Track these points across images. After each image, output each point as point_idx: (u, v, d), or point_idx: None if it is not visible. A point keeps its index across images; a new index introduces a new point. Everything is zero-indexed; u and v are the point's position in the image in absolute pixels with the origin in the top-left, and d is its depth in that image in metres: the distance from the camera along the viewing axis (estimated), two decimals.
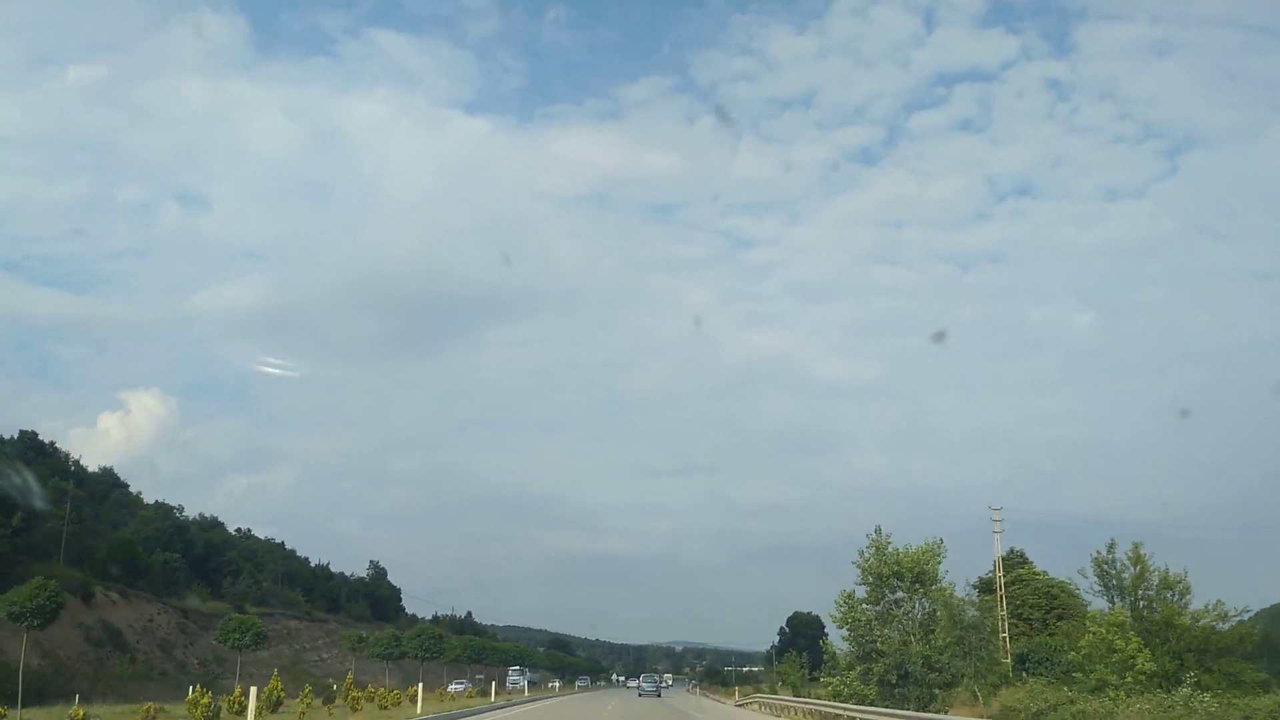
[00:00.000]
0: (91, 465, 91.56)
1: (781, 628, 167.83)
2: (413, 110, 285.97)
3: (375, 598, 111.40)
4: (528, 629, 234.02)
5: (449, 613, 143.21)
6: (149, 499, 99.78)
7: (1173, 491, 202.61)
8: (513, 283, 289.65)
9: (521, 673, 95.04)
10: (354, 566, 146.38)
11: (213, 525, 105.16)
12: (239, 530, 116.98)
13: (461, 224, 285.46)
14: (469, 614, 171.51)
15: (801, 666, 69.33)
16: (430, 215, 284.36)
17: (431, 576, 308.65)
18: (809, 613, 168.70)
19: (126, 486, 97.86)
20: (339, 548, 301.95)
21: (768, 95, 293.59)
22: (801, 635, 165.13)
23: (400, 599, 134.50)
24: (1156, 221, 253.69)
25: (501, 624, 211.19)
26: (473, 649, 77.93)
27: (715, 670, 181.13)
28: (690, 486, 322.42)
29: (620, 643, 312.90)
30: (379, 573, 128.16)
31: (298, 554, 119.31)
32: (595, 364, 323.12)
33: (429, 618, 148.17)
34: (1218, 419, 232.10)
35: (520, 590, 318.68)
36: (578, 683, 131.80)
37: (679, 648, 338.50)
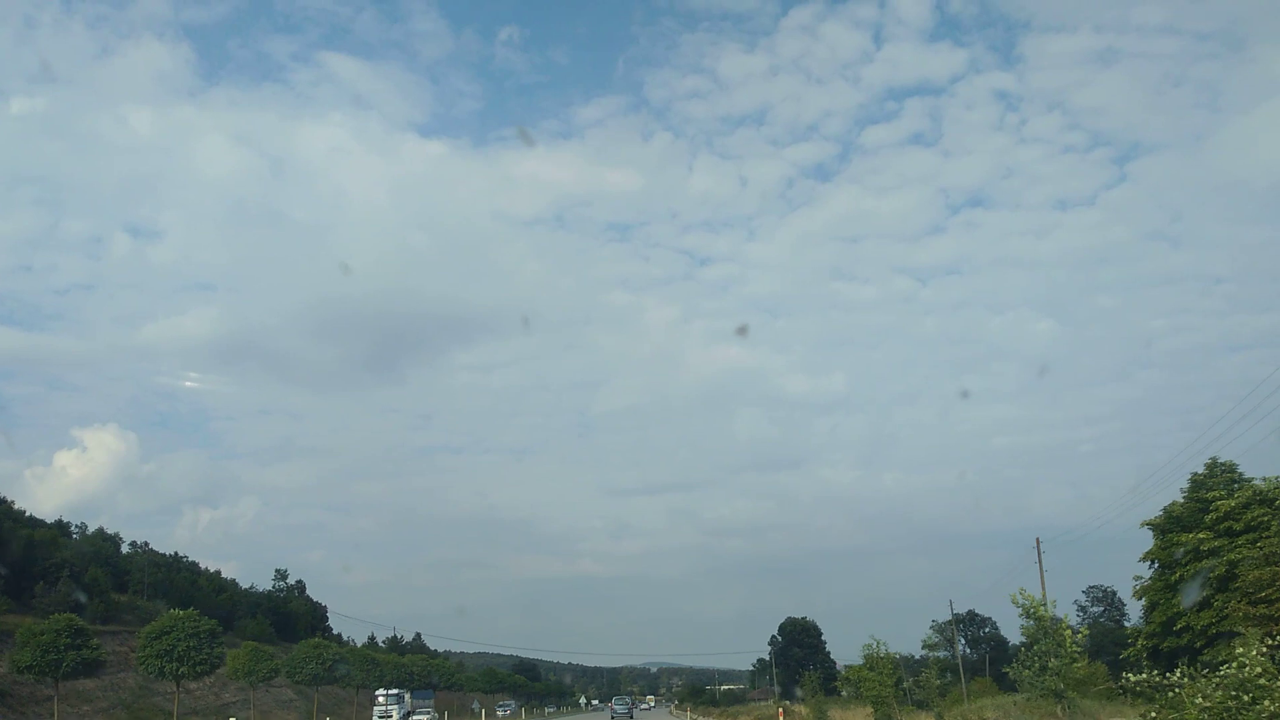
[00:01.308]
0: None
1: (773, 636, 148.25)
2: (366, 134, 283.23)
3: (282, 614, 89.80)
4: (497, 654, 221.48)
5: (392, 634, 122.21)
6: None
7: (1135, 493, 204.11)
8: (474, 304, 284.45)
9: (397, 699, 73.04)
10: (321, 595, 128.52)
11: (112, 539, 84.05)
12: (135, 544, 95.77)
13: (420, 247, 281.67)
14: (417, 635, 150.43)
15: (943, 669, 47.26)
16: (388, 239, 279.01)
17: (399, 604, 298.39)
18: (804, 618, 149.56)
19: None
20: (306, 579, 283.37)
21: (720, 113, 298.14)
22: (797, 644, 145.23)
23: (325, 618, 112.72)
24: (1108, 229, 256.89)
25: (472, 650, 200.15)
26: (321, 661, 54.73)
27: (699, 689, 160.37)
28: (661, 506, 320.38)
29: (593, 665, 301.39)
30: (294, 588, 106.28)
31: (213, 571, 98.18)
32: (561, 385, 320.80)
33: (363, 641, 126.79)
34: (1174, 421, 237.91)
35: (490, 616, 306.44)
36: (499, 710, 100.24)
37: (654, 668, 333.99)
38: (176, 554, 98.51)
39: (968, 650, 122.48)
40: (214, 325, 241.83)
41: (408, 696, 73.97)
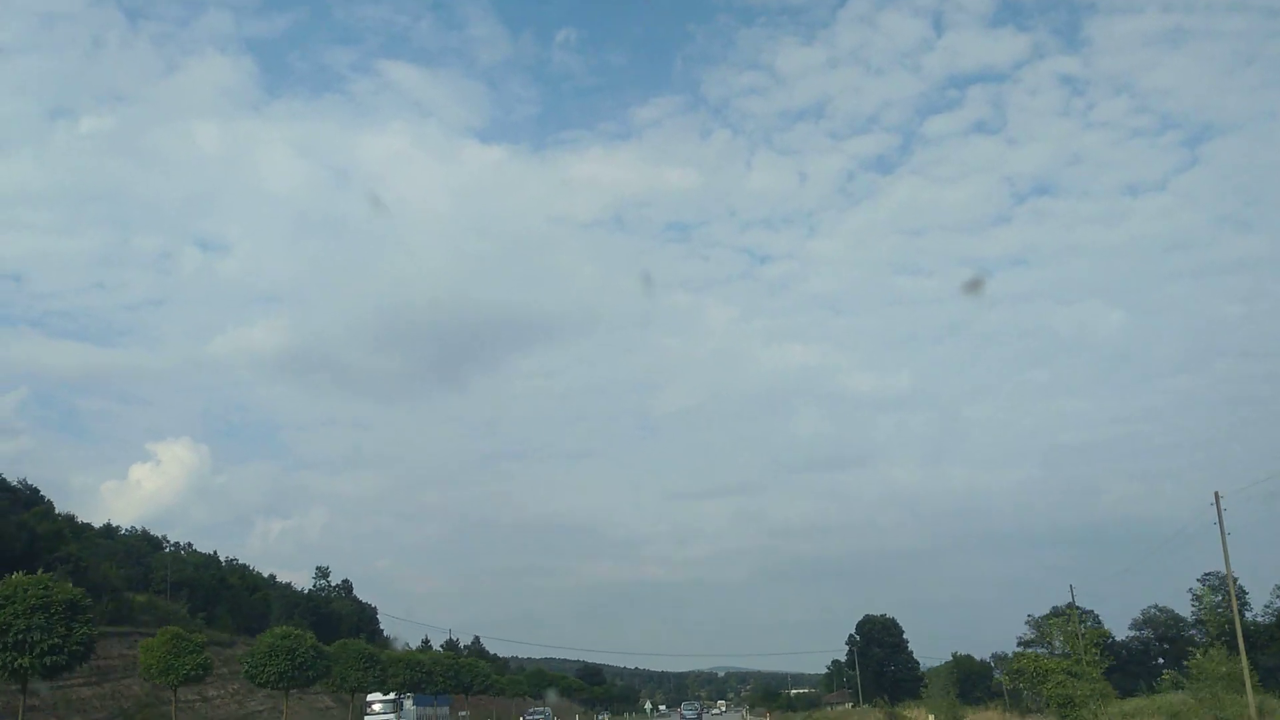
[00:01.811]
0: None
1: (851, 635, 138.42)
2: (426, 141, 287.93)
3: (323, 614, 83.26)
4: (564, 659, 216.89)
5: (448, 638, 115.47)
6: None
7: (1210, 485, 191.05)
8: (535, 309, 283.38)
9: (395, 706, 64.38)
10: (386, 603, 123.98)
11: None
12: (178, 544, 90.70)
13: (481, 253, 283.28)
14: (475, 639, 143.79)
15: None
16: (450, 246, 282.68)
17: (465, 611, 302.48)
18: (883, 615, 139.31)
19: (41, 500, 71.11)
20: (374, 588, 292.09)
21: (779, 108, 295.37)
22: (876, 643, 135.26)
23: (375, 620, 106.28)
24: (1180, 214, 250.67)
25: (539, 655, 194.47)
26: (292, 658, 44.83)
27: (772, 692, 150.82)
28: (725, 508, 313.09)
29: (659, 670, 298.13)
30: (339, 588, 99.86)
31: (241, 564, 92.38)
32: (622, 388, 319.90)
33: (417, 645, 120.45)
34: (1252, 411, 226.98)
35: (556, 621, 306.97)
36: (528, 717, 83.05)
37: (721, 673, 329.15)
38: (215, 553, 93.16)
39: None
40: (281, 336, 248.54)
41: (408, 702, 64.90)
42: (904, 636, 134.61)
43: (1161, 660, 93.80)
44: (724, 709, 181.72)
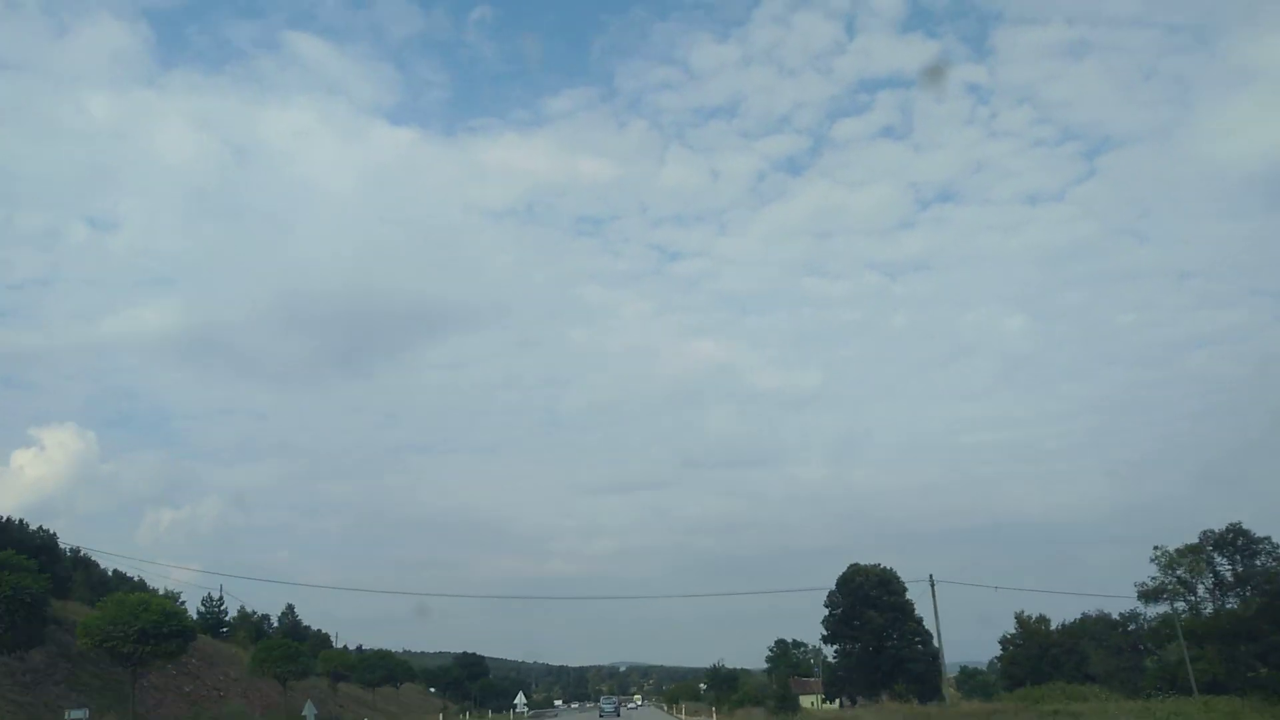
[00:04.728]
0: None
1: (830, 592, 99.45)
2: (333, 119, 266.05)
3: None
4: (450, 652, 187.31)
5: (212, 599, 73.03)
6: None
7: (1098, 490, 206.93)
8: (443, 299, 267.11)
9: None
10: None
11: None
12: None
13: (389, 238, 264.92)
14: (289, 609, 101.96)
15: None
16: (356, 229, 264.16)
17: (362, 605, 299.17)
18: (879, 566, 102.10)
19: None
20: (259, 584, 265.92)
21: (693, 104, 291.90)
22: (870, 604, 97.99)
23: (82, 566, 62.24)
24: (1077, 224, 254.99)
25: (432, 650, 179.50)
26: None
27: (727, 675, 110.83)
28: (632, 504, 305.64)
29: (559, 664, 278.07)
30: (43, 537, 56.19)
31: None
32: (531, 382, 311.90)
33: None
34: (1140, 416, 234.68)
35: (457, 616, 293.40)
36: None
37: (623, 668, 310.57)
38: None
39: (1215, 594, 72.68)
40: (175, 319, 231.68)
41: None
42: (907, 596, 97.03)
43: None
44: (640, 703, 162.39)
